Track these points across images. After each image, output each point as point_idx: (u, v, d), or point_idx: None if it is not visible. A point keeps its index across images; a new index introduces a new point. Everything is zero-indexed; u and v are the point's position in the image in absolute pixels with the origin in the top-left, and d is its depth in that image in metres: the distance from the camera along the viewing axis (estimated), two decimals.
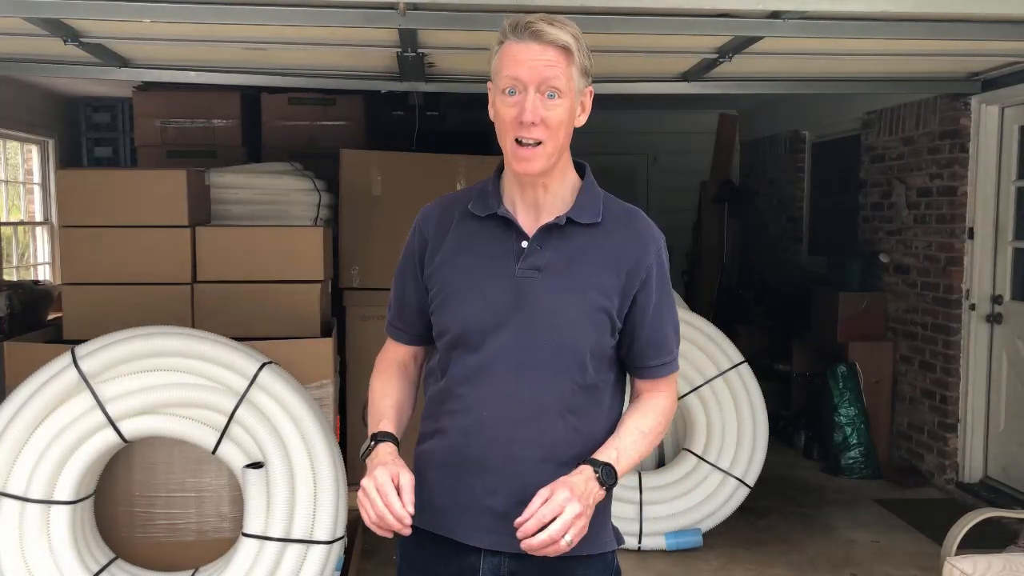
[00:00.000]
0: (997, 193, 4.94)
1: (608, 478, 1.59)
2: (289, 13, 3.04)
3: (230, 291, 3.53)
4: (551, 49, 1.57)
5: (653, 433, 1.71)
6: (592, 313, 1.65)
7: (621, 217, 1.72)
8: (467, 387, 1.67)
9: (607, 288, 1.65)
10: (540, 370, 1.64)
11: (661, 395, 1.75)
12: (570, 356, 1.64)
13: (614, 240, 1.68)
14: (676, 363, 1.76)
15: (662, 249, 1.73)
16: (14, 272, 6.06)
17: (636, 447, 1.66)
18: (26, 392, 2.93)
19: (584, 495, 1.54)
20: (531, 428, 1.64)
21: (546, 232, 1.67)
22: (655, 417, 1.72)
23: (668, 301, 1.73)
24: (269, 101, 5.51)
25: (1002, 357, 4.95)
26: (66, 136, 6.64)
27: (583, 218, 1.68)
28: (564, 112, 1.60)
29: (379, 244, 4.71)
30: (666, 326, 1.73)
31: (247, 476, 3.00)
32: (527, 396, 1.64)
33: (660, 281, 1.70)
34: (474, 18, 3.08)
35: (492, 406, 1.65)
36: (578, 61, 1.60)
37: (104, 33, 3.50)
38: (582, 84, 1.64)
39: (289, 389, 3.05)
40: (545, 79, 1.57)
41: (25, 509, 2.87)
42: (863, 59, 3.97)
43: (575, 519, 1.50)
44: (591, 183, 1.74)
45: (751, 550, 4.20)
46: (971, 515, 3.29)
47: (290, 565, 2.98)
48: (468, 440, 1.67)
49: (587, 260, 1.66)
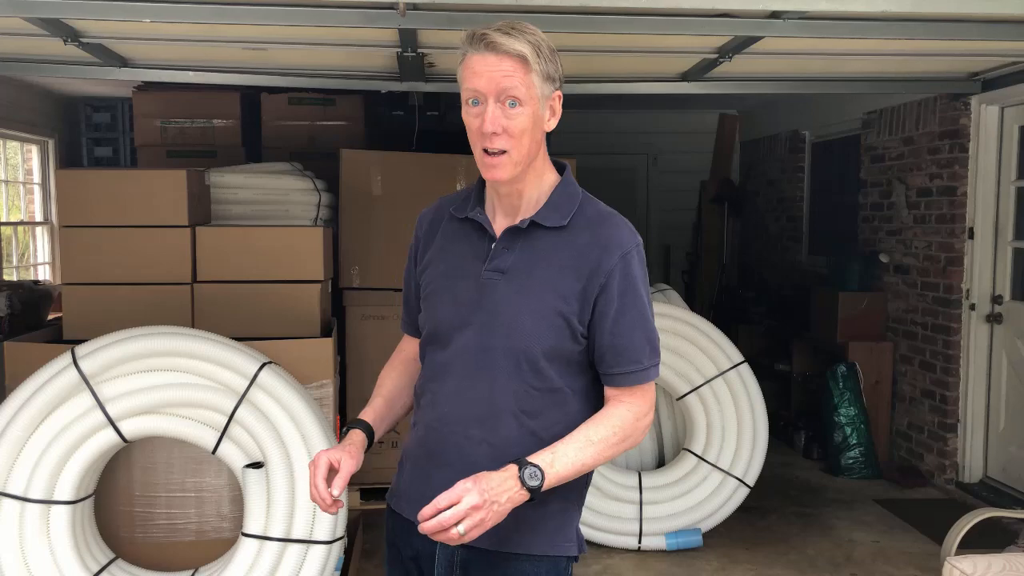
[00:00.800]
0: (997, 193, 4.94)
1: (531, 479, 1.55)
2: (289, 13, 3.04)
3: (230, 291, 3.53)
4: (507, 59, 1.59)
5: (604, 444, 1.64)
6: (548, 316, 1.65)
7: (592, 220, 1.71)
8: (434, 383, 1.75)
9: (566, 292, 1.65)
10: (496, 370, 1.66)
11: (623, 405, 1.68)
12: (523, 358, 1.65)
13: (578, 244, 1.67)
14: (645, 374, 1.69)
15: (630, 254, 1.68)
16: (14, 272, 6.07)
17: (580, 454, 1.61)
18: (26, 392, 2.93)
19: (492, 490, 1.52)
20: (484, 427, 1.67)
21: (511, 235, 1.70)
22: (609, 427, 1.65)
23: (635, 307, 1.67)
24: (269, 101, 5.51)
25: (1002, 357, 4.95)
26: (66, 136, 6.65)
27: (548, 221, 1.69)
28: (526, 120, 1.62)
29: (379, 244, 4.71)
30: (632, 333, 1.67)
31: (247, 476, 3.00)
32: (482, 395, 1.67)
33: (624, 287, 1.66)
34: (474, 18, 3.07)
35: (452, 403, 1.71)
36: (538, 68, 1.61)
37: (104, 33, 3.50)
38: (547, 89, 1.65)
39: (289, 389, 3.05)
40: (503, 89, 1.60)
41: (25, 509, 2.88)
42: (863, 59, 3.97)
43: (470, 510, 1.49)
44: (566, 185, 1.74)
45: (751, 550, 4.20)
46: (971, 515, 3.30)
47: (290, 565, 2.98)
48: (430, 435, 1.74)
49: (549, 263, 1.67)
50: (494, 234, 1.72)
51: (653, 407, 1.74)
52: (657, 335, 1.72)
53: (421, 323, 1.81)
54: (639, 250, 1.70)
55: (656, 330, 1.72)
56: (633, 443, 1.70)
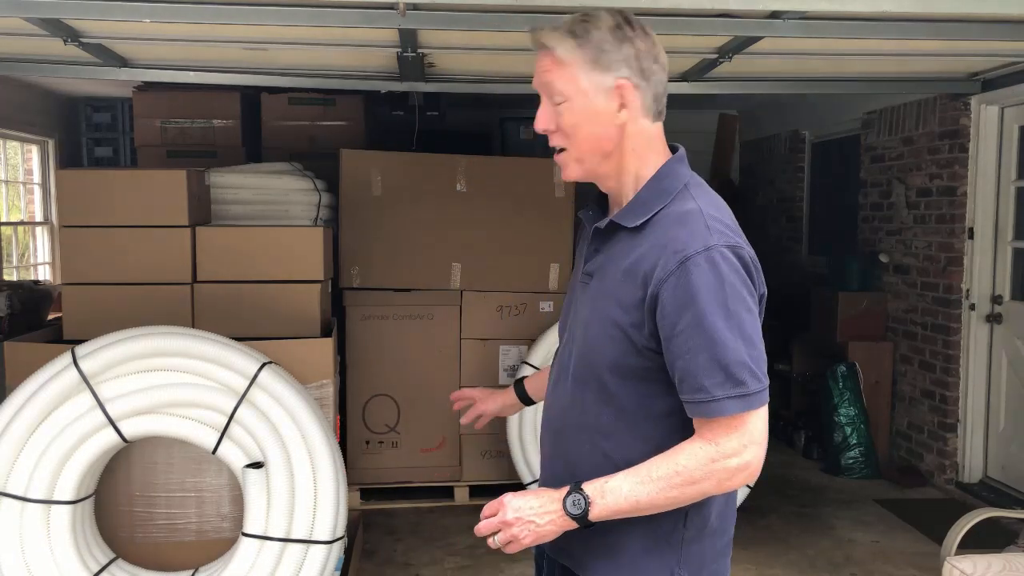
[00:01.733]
0: (997, 193, 4.94)
1: (573, 507, 1.44)
2: (289, 13, 3.04)
3: (230, 291, 3.53)
4: (544, 55, 1.54)
5: (665, 483, 1.43)
6: (607, 327, 1.51)
7: (670, 219, 1.50)
8: (548, 389, 1.73)
9: (626, 300, 1.48)
10: (571, 383, 1.58)
11: (699, 442, 1.44)
12: (589, 371, 1.54)
13: (646, 246, 1.49)
14: (716, 406, 1.41)
15: (693, 260, 1.42)
16: (14, 272, 6.07)
17: (636, 489, 1.44)
18: (26, 392, 2.93)
19: (530, 510, 1.47)
20: (559, 441, 1.62)
21: (598, 236, 1.61)
22: (672, 466, 1.43)
23: (698, 325, 1.40)
24: (269, 101, 5.51)
25: (1002, 357, 4.95)
26: (66, 136, 6.65)
27: (625, 220, 1.54)
28: (575, 115, 1.52)
29: (379, 244, 4.71)
30: (694, 357, 1.41)
31: (247, 476, 3.00)
32: (560, 407, 1.63)
33: (683, 299, 1.41)
34: (474, 18, 3.08)
35: (547, 411, 1.69)
36: (579, 59, 1.50)
37: (104, 33, 3.50)
38: (604, 80, 1.50)
39: (289, 389, 3.05)
40: (545, 84, 1.54)
41: (25, 509, 2.87)
42: (863, 59, 3.97)
43: (500, 524, 1.48)
44: (660, 179, 1.56)
45: (750, 550, 4.20)
46: (971, 515, 3.29)
47: (290, 565, 2.98)
48: (540, 436, 1.75)
49: (617, 268, 1.53)
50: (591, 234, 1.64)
51: (754, 447, 1.44)
52: (741, 359, 1.41)
53: None
54: (711, 255, 1.42)
55: (741, 352, 1.41)
56: (714, 488, 1.45)
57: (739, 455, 1.43)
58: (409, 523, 4.56)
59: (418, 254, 4.73)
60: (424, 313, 4.81)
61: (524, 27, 3.10)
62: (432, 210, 4.73)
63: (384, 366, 4.80)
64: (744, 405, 1.41)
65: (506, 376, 4.86)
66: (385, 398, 4.82)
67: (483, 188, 4.79)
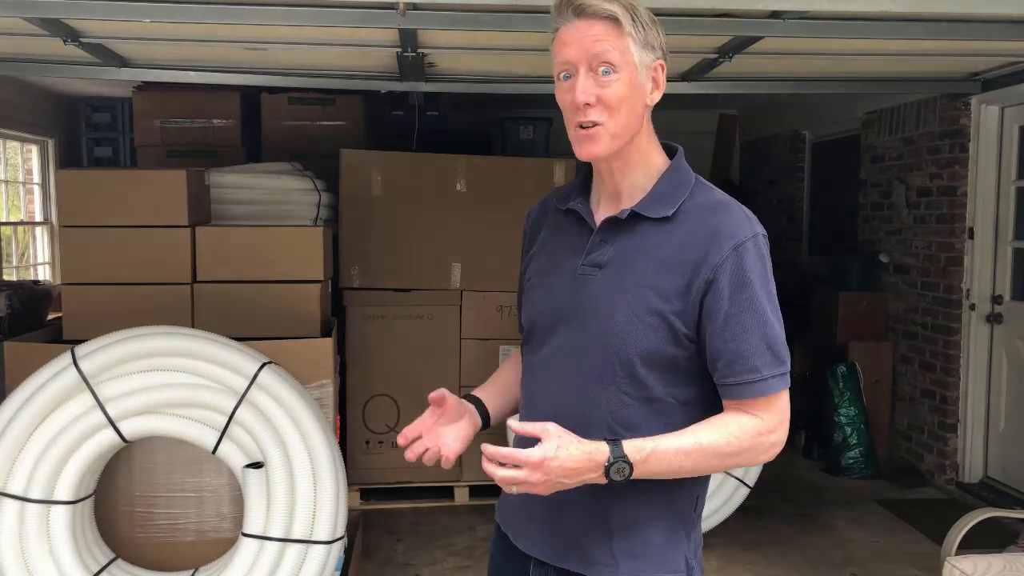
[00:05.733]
0: (997, 193, 4.94)
1: (616, 475, 1.39)
2: (289, 13, 3.04)
3: (230, 291, 3.53)
4: (596, 23, 1.45)
5: (713, 452, 1.43)
6: (644, 316, 1.47)
7: (702, 208, 1.51)
8: (531, 386, 1.64)
9: (666, 289, 1.47)
10: (588, 376, 1.51)
11: (743, 415, 1.47)
12: (617, 363, 1.48)
13: (683, 235, 1.48)
14: (765, 384, 1.45)
15: (744, 246, 1.47)
16: (14, 272, 6.07)
17: (680, 459, 1.42)
18: (26, 392, 2.93)
19: (564, 472, 1.36)
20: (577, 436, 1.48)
21: (610, 226, 1.55)
22: (725, 434, 1.44)
23: (751, 308, 1.46)
24: (269, 101, 5.51)
25: (1002, 357, 4.95)
26: (66, 136, 6.64)
27: (651, 211, 1.51)
28: (622, 87, 1.46)
29: (379, 244, 4.71)
30: (747, 337, 1.45)
31: (247, 476, 3.00)
32: (573, 402, 1.53)
33: (738, 283, 1.45)
34: (474, 18, 3.08)
35: (542, 408, 1.57)
36: (634, 32, 1.46)
37: (104, 33, 3.50)
38: (647, 57, 1.49)
39: (289, 389, 3.05)
40: (594, 55, 1.45)
41: (25, 509, 2.87)
42: (863, 59, 3.96)
43: (526, 478, 1.36)
44: (677, 171, 1.56)
45: (751, 550, 4.20)
46: (971, 515, 3.29)
47: (290, 565, 2.98)
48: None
49: (649, 257, 1.49)
50: (593, 225, 1.57)
51: (785, 424, 1.50)
52: (782, 340, 1.49)
53: (520, 322, 1.69)
54: (757, 241, 1.49)
55: (782, 334, 1.50)
56: (750, 460, 1.49)
57: (776, 431, 1.48)
58: (409, 523, 4.56)
59: (418, 254, 4.73)
60: (424, 313, 4.81)
61: (524, 27, 3.11)
62: (432, 210, 4.73)
63: (384, 366, 4.80)
64: (784, 383, 1.48)
65: None
66: (385, 398, 4.82)
67: (483, 188, 4.79)
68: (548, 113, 5.65)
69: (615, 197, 1.57)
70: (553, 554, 1.58)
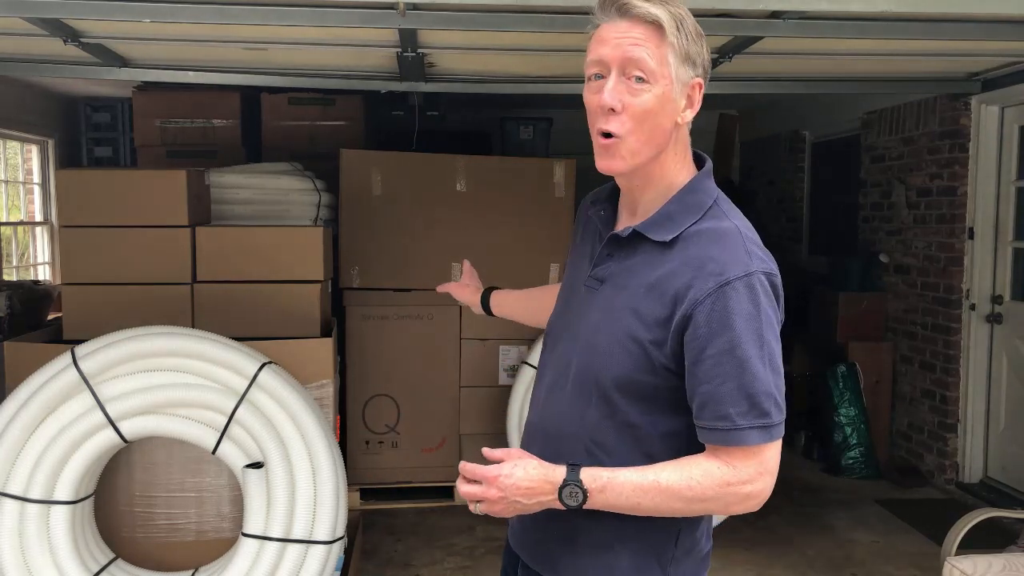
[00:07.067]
0: (997, 193, 4.94)
1: (569, 499, 1.38)
2: (289, 13, 3.04)
3: (230, 291, 3.53)
4: (639, 25, 1.37)
5: (670, 494, 1.37)
6: (623, 340, 1.42)
7: (703, 237, 1.42)
8: (536, 386, 1.64)
9: (647, 317, 1.41)
10: (571, 391, 1.49)
11: (713, 461, 1.38)
12: (593, 384, 1.46)
13: (677, 262, 1.41)
14: (736, 435, 1.36)
15: (732, 285, 1.36)
16: (14, 272, 6.06)
17: (638, 494, 1.38)
18: (26, 392, 2.93)
19: (520, 491, 1.38)
20: (554, 449, 1.49)
21: (614, 242, 1.50)
22: (686, 477, 1.37)
23: (730, 352, 1.35)
24: (269, 101, 5.51)
25: (1002, 357, 4.95)
26: (66, 136, 6.64)
27: (652, 233, 1.45)
28: (653, 100, 1.38)
29: (379, 244, 4.71)
30: (723, 383, 1.35)
31: (247, 476, 3.00)
32: (554, 415, 1.53)
33: (718, 325, 1.35)
34: (474, 18, 3.07)
35: (539, 414, 1.58)
36: (676, 42, 1.38)
37: (104, 33, 3.50)
38: (685, 73, 1.40)
39: (289, 389, 3.05)
40: (629, 59, 1.37)
41: (25, 509, 2.87)
42: (863, 59, 3.96)
43: (482, 494, 1.39)
44: (692, 192, 1.47)
45: (751, 550, 4.20)
46: (971, 515, 3.29)
47: (290, 565, 2.98)
48: (525, 438, 1.62)
49: (641, 281, 1.44)
50: (603, 238, 1.53)
51: (767, 477, 1.40)
52: (768, 390, 1.37)
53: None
54: (751, 280, 1.37)
55: (770, 383, 1.37)
56: (720, 508, 1.40)
57: (753, 483, 1.39)
58: (409, 523, 4.56)
59: (418, 254, 4.73)
60: (424, 313, 4.81)
61: (524, 27, 3.11)
62: (432, 210, 4.73)
63: (384, 366, 4.80)
64: (766, 436, 1.38)
65: (506, 376, 4.86)
66: (385, 398, 4.82)
67: (483, 188, 4.79)
68: (548, 113, 5.65)
69: (633, 211, 1.52)
70: (531, 559, 1.61)
